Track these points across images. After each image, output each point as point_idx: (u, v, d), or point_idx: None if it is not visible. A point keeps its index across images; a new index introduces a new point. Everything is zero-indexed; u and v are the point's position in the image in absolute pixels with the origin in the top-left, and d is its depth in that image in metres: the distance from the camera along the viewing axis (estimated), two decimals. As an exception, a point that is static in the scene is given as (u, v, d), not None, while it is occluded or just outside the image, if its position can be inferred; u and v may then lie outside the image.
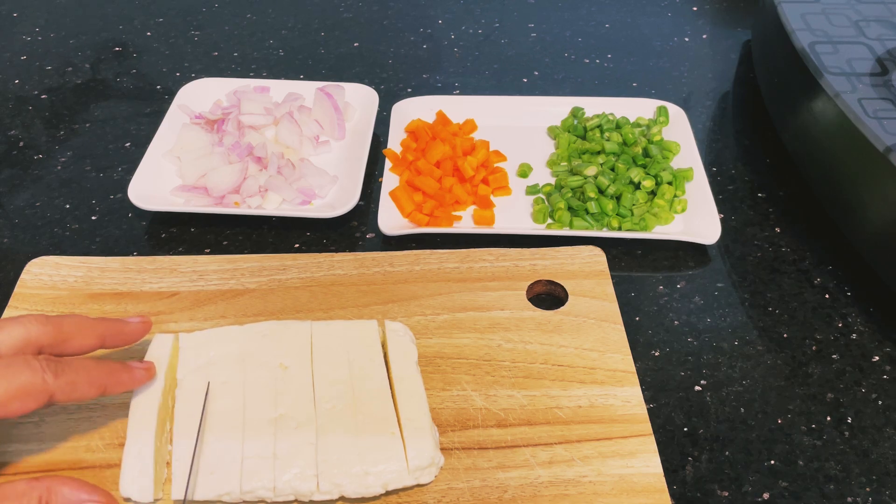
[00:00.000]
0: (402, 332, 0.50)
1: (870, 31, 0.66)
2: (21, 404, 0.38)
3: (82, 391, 0.41)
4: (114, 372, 0.43)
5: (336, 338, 0.49)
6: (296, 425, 0.44)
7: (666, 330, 0.56)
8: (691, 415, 0.51)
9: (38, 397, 0.39)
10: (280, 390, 0.46)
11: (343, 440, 0.44)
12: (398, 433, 0.44)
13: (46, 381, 0.39)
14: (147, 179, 0.64)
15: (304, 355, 0.48)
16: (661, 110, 0.71)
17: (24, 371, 0.38)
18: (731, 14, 0.91)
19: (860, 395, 0.52)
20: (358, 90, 0.74)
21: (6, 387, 0.38)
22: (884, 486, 0.47)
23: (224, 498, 0.42)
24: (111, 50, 0.85)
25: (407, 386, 0.47)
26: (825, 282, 0.60)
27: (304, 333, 0.49)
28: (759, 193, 0.68)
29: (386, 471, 0.43)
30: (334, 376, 0.47)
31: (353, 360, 0.48)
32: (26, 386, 0.38)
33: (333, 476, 0.43)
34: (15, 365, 0.39)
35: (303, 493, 0.42)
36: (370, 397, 0.46)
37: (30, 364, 0.39)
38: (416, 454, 0.43)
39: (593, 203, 0.63)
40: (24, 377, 0.38)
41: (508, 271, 0.57)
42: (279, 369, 0.47)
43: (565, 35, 0.88)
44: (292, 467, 0.43)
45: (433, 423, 0.46)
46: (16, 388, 0.38)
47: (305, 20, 0.90)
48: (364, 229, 0.64)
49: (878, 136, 0.54)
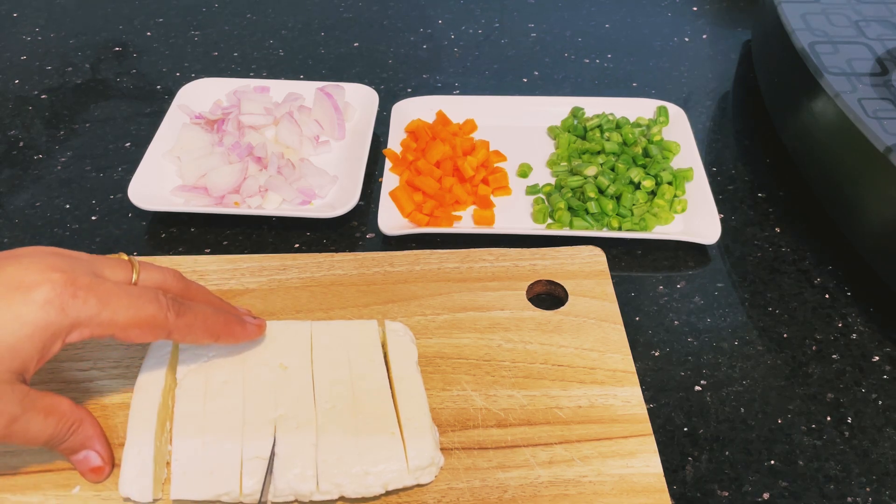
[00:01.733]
0: (402, 332, 0.50)
1: (870, 31, 0.66)
2: (140, 333, 0.41)
3: (197, 335, 0.43)
4: (229, 323, 0.45)
5: (336, 338, 0.49)
6: (296, 425, 0.44)
7: (666, 330, 0.56)
8: (691, 415, 0.51)
9: (157, 331, 0.41)
10: (280, 390, 0.46)
11: (343, 440, 0.44)
12: (398, 433, 0.44)
13: (168, 318, 0.41)
14: (147, 179, 0.64)
15: (304, 355, 0.48)
16: (661, 110, 0.71)
17: (151, 303, 0.41)
18: (731, 14, 0.91)
19: (860, 395, 0.52)
20: (358, 90, 0.74)
21: (133, 314, 0.40)
22: (884, 486, 0.47)
23: (223, 498, 0.42)
24: (111, 50, 0.85)
25: (407, 386, 0.47)
26: (825, 282, 0.60)
27: (304, 333, 0.49)
28: (759, 193, 0.68)
29: (386, 471, 0.43)
30: (334, 376, 0.47)
31: (353, 360, 0.48)
32: (150, 318, 0.41)
33: (333, 476, 0.42)
34: (145, 296, 0.41)
35: (303, 493, 0.42)
36: (370, 397, 0.46)
37: (158, 298, 0.41)
38: (417, 454, 0.43)
39: (593, 203, 0.63)
40: (150, 309, 0.41)
41: (508, 271, 0.57)
42: (279, 369, 0.47)
43: (565, 35, 0.88)
44: (293, 467, 0.43)
45: (433, 423, 0.46)
46: (141, 317, 0.40)
47: (305, 20, 0.90)
48: (364, 229, 0.64)
49: (878, 136, 0.54)
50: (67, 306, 0.38)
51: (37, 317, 0.37)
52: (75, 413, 0.42)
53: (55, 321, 0.38)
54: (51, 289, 0.38)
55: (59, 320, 0.38)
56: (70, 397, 0.43)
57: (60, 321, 0.38)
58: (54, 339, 0.38)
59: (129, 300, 0.40)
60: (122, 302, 0.40)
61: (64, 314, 0.38)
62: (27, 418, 0.39)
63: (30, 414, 0.39)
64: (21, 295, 0.37)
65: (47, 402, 0.41)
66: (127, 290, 0.40)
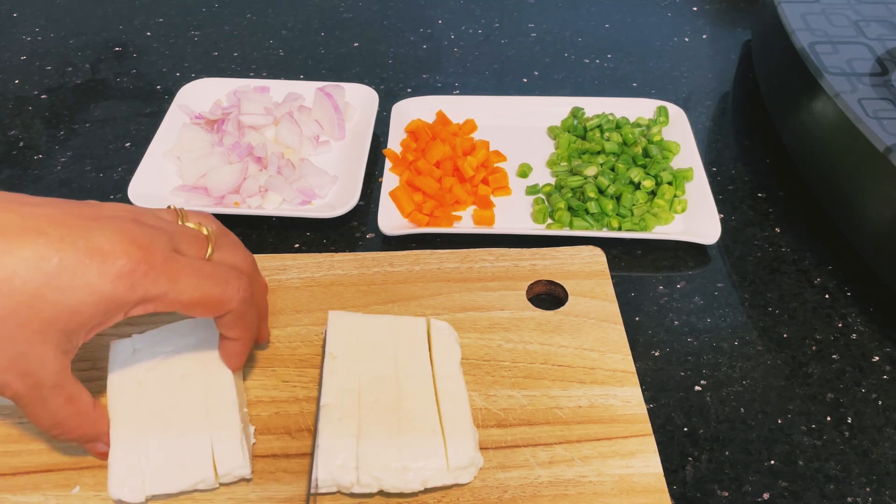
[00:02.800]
0: (447, 331, 0.50)
1: (870, 31, 0.66)
2: (202, 310, 0.41)
3: (243, 327, 0.44)
4: (263, 331, 0.49)
5: (385, 332, 0.49)
6: (340, 416, 0.45)
7: (666, 330, 0.56)
8: (691, 415, 0.51)
9: (218, 309, 0.42)
10: (326, 380, 0.47)
11: (385, 434, 0.44)
12: (439, 431, 0.44)
13: (232, 299, 0.42)
14: (147, 179, 0.64)
15: (352, 346, 0.48)
16: (661, 110, 0.71)
17: (219, 286, 0.41)
18: (731, 14, 0.91)
19: (860, 395, 0.52)
20: (358, 90, 0.74)
21: (199, 294, 0.40)
22: (884, 486, 0.47)
23: (199, 486, 0.43)
24: (111, 50, 0.85)
25: (449, 385, 0.47)
26: (825, 282, 0.60)
27: (354, 325, 0.50)
28: (759, 193, 0.68)
29: (426, 468, 0.43)
30: (380, 370, 0.47)
31: (399, 356, 0.48)
32: (214, 298, 0.41)
33: (373, 469, 0.43)
34: (215, 277, 0.41)
35: (344, 484, 0.43)
36: (414, 394, 0.46)
37: (227, 281, 0.42)
38: (457, 453, 0.43)
39: (593, 203, 0.63)
40: (216, 291, 0.41)
41: (508, 271, 0.57)
42: (329, 358, 0.48)
43: (565, 35, 0.88)
44: (335, 458, 0.43)
45: (473, 425, 0.46)
46: (206, 297, 0.41)
47: (305, 20, 0.90)
48: (364, 229, 0.64)
49: (878, 136, 0.54)
50: (138, 283, 0.38)
51: (107, 288, 0.37)
52: (92, 412, 0.42)
53: (123, 295, 0.38)
54: (126, 263, 0.38)
55: (126, 295, 0.38)
56: None
57: (128, 296, 0.38)
58: (117, 311, 0.38)
59: (199, 280, 0.40)
60: (190, 281, 0.40)
61: (133, 290, 0.38)
62: (50, 393, 0.39)
63: (55, 390, 0.39)
64: (97, 264, 0.37)
65: (75, 390, 0.40)
66: (198, 269, 0.41)
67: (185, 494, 0.44)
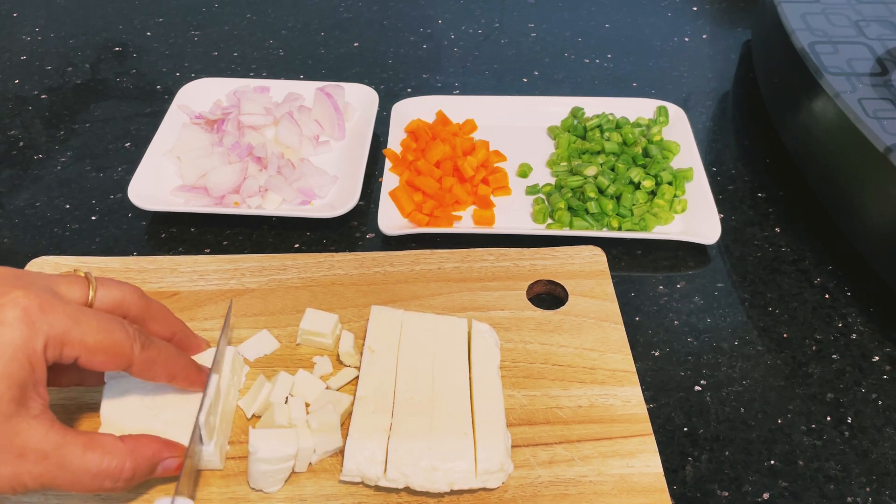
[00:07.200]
0: (488, 333, 0.50)
1: (870, 31, 0.66)
2: (104, 360, 0.39)
3: (155, 372, 0.42)
4: (187, 367, 0.44)
5: (425, 331, 0.50)
6: (373, 409, 0.45)
7: (666, 330, 0.56)
8: (691, 415, 0.51)
9: (119, 361, 0.40)
10: (364, 372, 0.47)
11: (416, 432, 0.44)
12: (471, 434, 0.44)
13: (133, 349, 0.40)
14: (147, 179, 0.64)
15: (392, 342, 0.49)
16: (661, 110, 0.71)
17: (119, 331, 0.40)
18: (731, 14, 0.91)
19: (860, 395, 0.52)
20: (358, 90, 0.74)
21: (101, 339, 0.39)
22: (884, 486, 0.47)
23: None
24: (111, 50, 0.85)
25: (486, 388, 0.47)
26: (825, 282, 0.60)
27: (396, 321, 0.50)
28: (759, 193, 0.68)
29: (454, 469, 0.43)
30: (418, 368, 0.47)
31: (438, 355, 0.48)
32: (116, 345, 0.39)
33: (402, 465, 0.43)
34: (114, 322, 0.40)
35: (370, 477, 0.43)
36: (449, 394, 0.46)
37: (125, 328, 0.40)
38: (486, 457, 0.43)
39: (593, 203, 0.63)
40: (118, 336, 0.39)
41: (508, 271, 0.57)
42: (367, 352, 0.48)
43: (565, 35, 0.88)
44: (363, 450, 0.43)
45: (507, 430, 0.46)
46: (108, 343, 0.39)
47: (305, 20, 0.90)
48: (364, 229, 0.64)
49: (878, 136, 0.54)
50: (37, 321, 0.37)
51: (13, 336, 0.36)
52: (120, 445, 0.40)
53: (30, 337, 0.36)
54: (16, 306, 0.37)
55: (32, 335, 0.37)
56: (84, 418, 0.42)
57: (35, 336, 0.37)
58: (35, 356, 0.37)
59: (99, 323, 0.39)
60: (91, 324, 0.38)
61: (34, 329, 0.37)
62: (62, 454, 0.38)
63: (65, 449, 0.38)
64: None
65: (83, 438, 0.39)
66: (95, 314, 0.39)
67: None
